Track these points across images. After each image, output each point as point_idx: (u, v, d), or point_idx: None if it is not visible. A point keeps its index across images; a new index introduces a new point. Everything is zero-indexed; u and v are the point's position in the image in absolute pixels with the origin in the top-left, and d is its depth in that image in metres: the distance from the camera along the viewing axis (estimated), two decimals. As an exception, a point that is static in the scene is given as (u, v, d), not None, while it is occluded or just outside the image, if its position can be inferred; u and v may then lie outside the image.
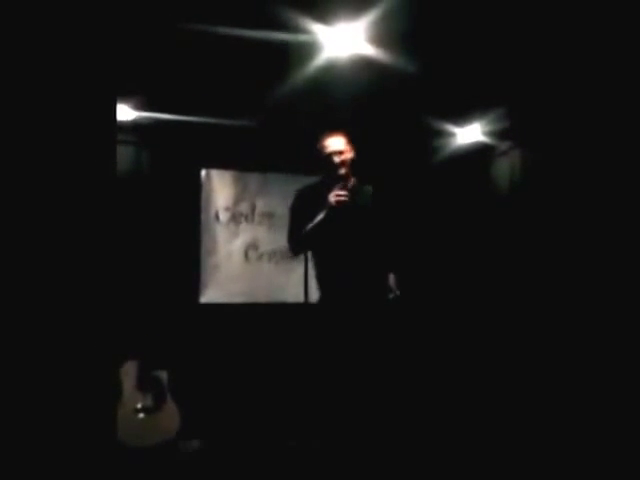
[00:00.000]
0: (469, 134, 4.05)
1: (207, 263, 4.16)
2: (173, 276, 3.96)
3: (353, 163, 2.83)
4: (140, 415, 3.38)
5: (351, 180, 2.84)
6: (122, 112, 3.58)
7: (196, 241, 4.14)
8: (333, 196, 2.68)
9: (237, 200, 4.28)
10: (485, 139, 4.07)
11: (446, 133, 4.05)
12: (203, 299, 4.13)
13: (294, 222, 2.88)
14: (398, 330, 2.93)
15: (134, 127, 3.83)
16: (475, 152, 4.25)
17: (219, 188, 4.24)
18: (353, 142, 2.85)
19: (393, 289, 2.85)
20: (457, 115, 3.81)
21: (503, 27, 2.64)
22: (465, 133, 4.04)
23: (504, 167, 4.08)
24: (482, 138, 4.06)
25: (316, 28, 2.54)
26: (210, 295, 4.15)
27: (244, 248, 4.28)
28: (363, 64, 2.90)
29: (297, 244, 2.88)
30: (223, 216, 4.24)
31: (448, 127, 3.95)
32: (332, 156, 2.78)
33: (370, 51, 2.77)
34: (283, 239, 2.97)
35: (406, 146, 4.41)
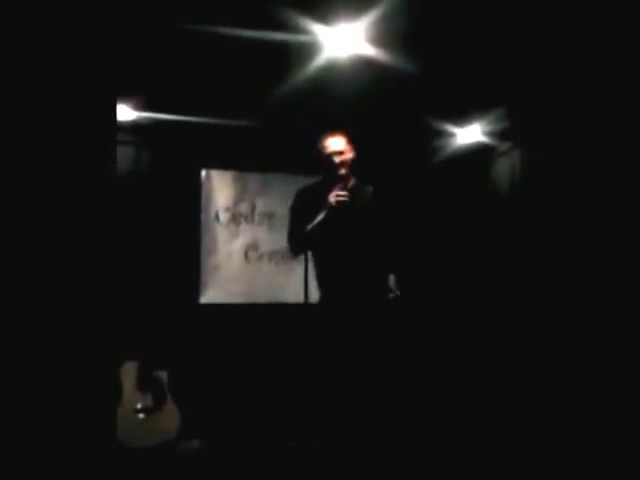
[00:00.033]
0: (469, 134, 4.04)
1: (207, 263, 4.16)
2: (173, 276, 3.96)
3: (353, 163, 2.84)
4: (140, 415, 3.37)
5: (351, 180, 2.84)
6: (122, 112, 3.57)
7: (196, 241, 4.14)
8: (333, 196, 2.69)
9: (237, 200, 4.28)
10: (485, 139, 4.06)
11: (446, 133, 4.05)
12: (203, 299, 4.13)
13: (294, 222, 2.88)
14: (398, 330, 2.92)
15: (134, 127, 3.83)
16: (475, 152, 4.25)
17: (219, 188, 4.24)
18: (353, 142, 2.85)
19: (393, 289, 2.85)
20: (457, 115, 3.81)
21: (503, 27, 2.65)
22: (465, 133, 4.04)
23: (504, 167, 4.08)
24: (482, 138, 4.06)
25: (316, 28, 2.55)
26: (210, 295, 4.15)
27: (244, 248, 4.28)
28: (363, 64, 2.90)
29: (297, 244, 2.89)
30: (223, 216, 4.24)
31: (448, 127, 3.95)
32: (332, 156, 2.78)
33: (370, 51, 2.78)
34: (283, 239, 2.98)
35: (406, 146, 4.40)
